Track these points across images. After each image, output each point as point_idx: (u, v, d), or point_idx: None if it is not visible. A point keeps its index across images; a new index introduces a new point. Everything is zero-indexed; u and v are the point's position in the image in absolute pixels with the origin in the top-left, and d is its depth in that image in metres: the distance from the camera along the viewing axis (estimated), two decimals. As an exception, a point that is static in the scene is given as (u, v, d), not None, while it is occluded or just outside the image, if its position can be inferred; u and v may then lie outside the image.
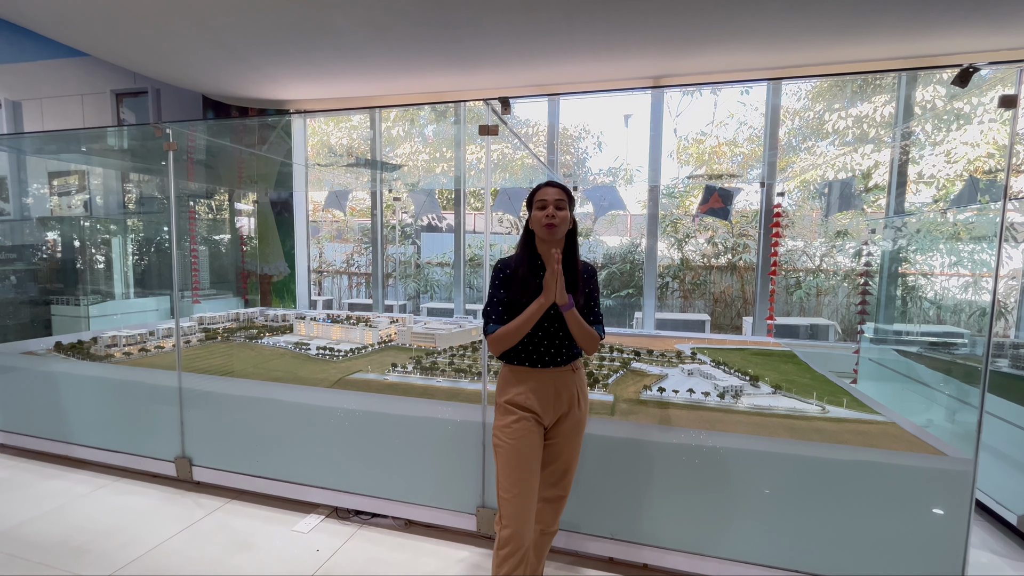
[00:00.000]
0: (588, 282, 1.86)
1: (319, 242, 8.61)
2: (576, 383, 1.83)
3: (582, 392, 1.86)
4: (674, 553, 2.19)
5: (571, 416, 1.81)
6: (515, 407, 1.77)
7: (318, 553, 2.38)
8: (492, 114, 2.44)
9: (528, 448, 1.73)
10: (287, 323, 4.84)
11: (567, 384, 1.81)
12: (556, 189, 1.77)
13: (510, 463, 1.72)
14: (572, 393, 1.81)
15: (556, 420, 1.80)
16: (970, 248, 4.52)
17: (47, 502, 2.82)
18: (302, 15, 3.69)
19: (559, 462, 1.83)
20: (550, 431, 1.81)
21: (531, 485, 1.73)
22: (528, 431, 1.74)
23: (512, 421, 1.75)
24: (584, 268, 1.87)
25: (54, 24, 4.20)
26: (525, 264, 1.80)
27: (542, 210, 1.75)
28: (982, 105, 5.01)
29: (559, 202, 1.75)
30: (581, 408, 1.84)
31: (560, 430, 1.81)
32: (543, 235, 1.76)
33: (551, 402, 1.78)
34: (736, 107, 7.35)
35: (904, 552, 1.95)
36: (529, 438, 1.74)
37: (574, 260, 1.82)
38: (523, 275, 1.78)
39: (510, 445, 1.72)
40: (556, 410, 1.79)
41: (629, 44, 3.94)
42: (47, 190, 6.02)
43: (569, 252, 1.82)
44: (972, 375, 3.11)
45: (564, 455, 1.83)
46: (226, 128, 4.50)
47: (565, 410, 1.80)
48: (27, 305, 5.32)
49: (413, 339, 3.99)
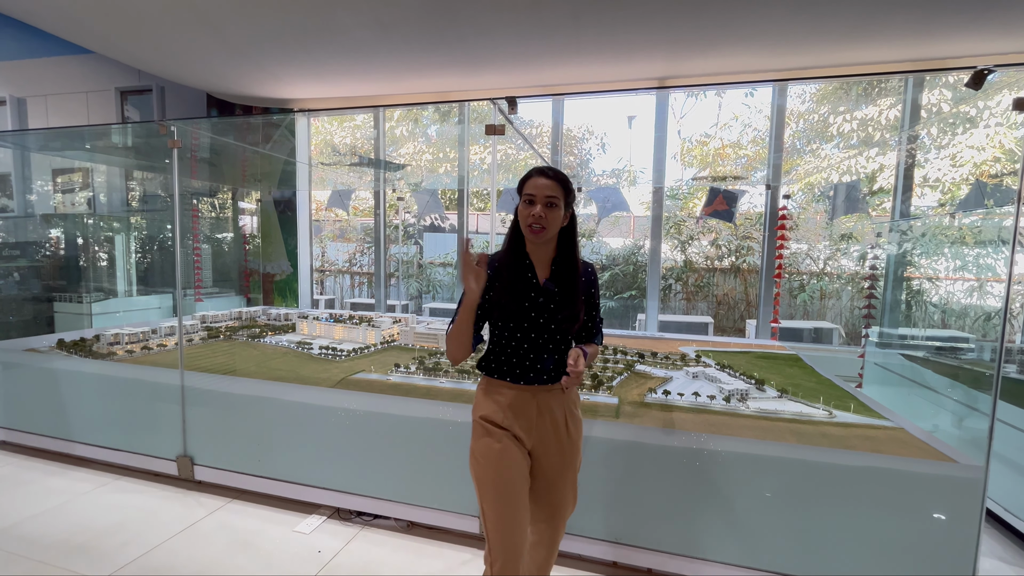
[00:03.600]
0: (589, 286, 1.62)
1: (322, 241, 8.61)
2: (565, 405, 1.57)
3: (571, 416, 1.59)
4: (678, 558, 2.17)
5: (556, 442, 1.55)
6: (492, 424, 1.53)
7: (319, 554, 2.36)
8: (499, 114, 2.42)
9: (512, 470, 1.49)
10: (289, 322, 4.83)
11: (553, 404, 1.55)
12: (548, 181, 1.48)
13: (494, 492, 1.48)
14: (559, 415, 1.55)
15: (540, 445, 1.55)
16: (975, 252, 4.50)
17: (48, 500, 2.81)
18: (307, 14, 3.69)
19: (548, 500, 1.58)
20: (536, 459, 1.57)
21: (520, 513, 1.49)
22: (509, 451, 1.50)
23: (491, 442, 1.50)
24: (584, 270, 1.61)
25: (59, 21, 4.20)
26: (510, 263, 1.55)
27: (529, 206, 1.49)
28: (988, 109, 4.98)
29: (551, 199, 1.47)
30: (570, 434, 1.57)
31: (546, 458, 1.56)
32: (528, 236, 1.51)
33: (532, 423, 1.53)
34: (740, 109, 7.33)
35: (913, 560, 1.92)
36: (511, 459, 1.49)
37: (573, 261, 1.57)
38: (508, 276, 1.53)
39: (492, 472, 1.48)
40: (540, 433, 1.54)
41: (635, 45, 3.93)
42: (51, 187, 6.03)
43: (567, 253, 1.57)
44: (980, 380, 3.09)
45: (554, 493, 1.58)
46: (230, 126, 4.50)
47: (548, 435, 1.54)
48: (30, 302, 5.32)
49: (416, 339, 3.98)
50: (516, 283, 1.53)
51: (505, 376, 1.55)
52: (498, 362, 1.56)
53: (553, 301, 1.54)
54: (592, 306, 1.64)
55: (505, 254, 1.57)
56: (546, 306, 1.54)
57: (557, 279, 1.56)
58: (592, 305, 1.64)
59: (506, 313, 1.53)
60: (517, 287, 1.52)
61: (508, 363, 1.55)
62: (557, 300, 1.54)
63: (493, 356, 1.58)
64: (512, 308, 1.52)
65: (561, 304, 1.54)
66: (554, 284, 1.55)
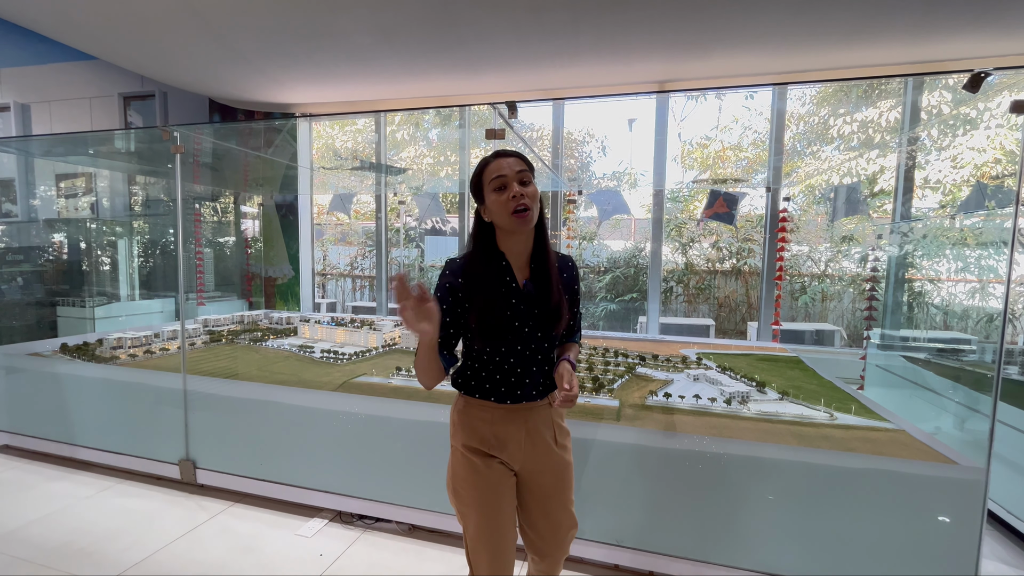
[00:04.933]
0: (571, 281, 1.46)
1: (323, 245, 8.63)
2: (554, 419, 1.45)
3: (559, 429, 1.47)
4: (680, 561, 2.16)
5: (548, 461, 1.42)
6: (475, 454, 1.36)
7: (321, 558, 2.37)
8: (499, 118, 2.43)
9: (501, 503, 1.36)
10: (291, 326, 4.84)
11: (542, 422, 1.41)
12: (512, 159, 1.31)
13: (481, 525, 1.35)
14: (547, 433, 1.42)
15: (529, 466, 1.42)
16: (977, 254, 4.49)
17: (51, 504, 2.82)
18: (308, 18, 3.71)
19: (545, 524, 1.45)
20: (527, 479, 1.43)
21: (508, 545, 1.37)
22: (496, 481, 1.36)
23: (472, 473, 1.35)
24: (562, 264, 1.44)
25: (62, 28, 4.23)
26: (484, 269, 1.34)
27: (502, 191, 1.28)
28: (989, 110, 4.99)
29: (522, 175, 1.29)
30: (560, 449, 1.44)
31: (537, 485, 1.43)
32: (513, 226, 1.29)
33: (521, 444, 1.39)
34: (741, 112, 7.35)
35: (914, 562, 1.92)
36: (499, 490, 1.36)
37: (545, 254, 1.37)
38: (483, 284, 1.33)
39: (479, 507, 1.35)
40: (528, 452, 1.40)
41: (635, 48, 3.95)
42: (54, 192, 6.06)
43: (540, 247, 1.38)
44: (982, 382, 3.09)
45: (551, 517, 1.45)
46: (232, 131, 4.52)
47: (539, 455, 1.41)
48: (33, 306, 5.34)
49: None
50: (494, 291, 1.33)
51: (488, 396, 1.37)
52: (478, 379, 1.38)
53: (537, 305, 1.36)
54: (575, 303, 1.48)
55: (474, 259, 1.35)
56: (530, 312, 1.35)
57: (536, 278, 1.37)
58: (575, 302, 1.48)
59: (486, 327, 1.32)
60: (496, 295, 1.32)
61: (491, 380, 1.37)
62: (540, 304, 1.36)
63: (471, 372, 1.39)
64: (492, 321, 1.32)
65: (544, 308, 1.36)
66: (534, 286, 1.37)
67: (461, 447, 1.39)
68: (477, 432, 1.37)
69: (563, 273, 1.44)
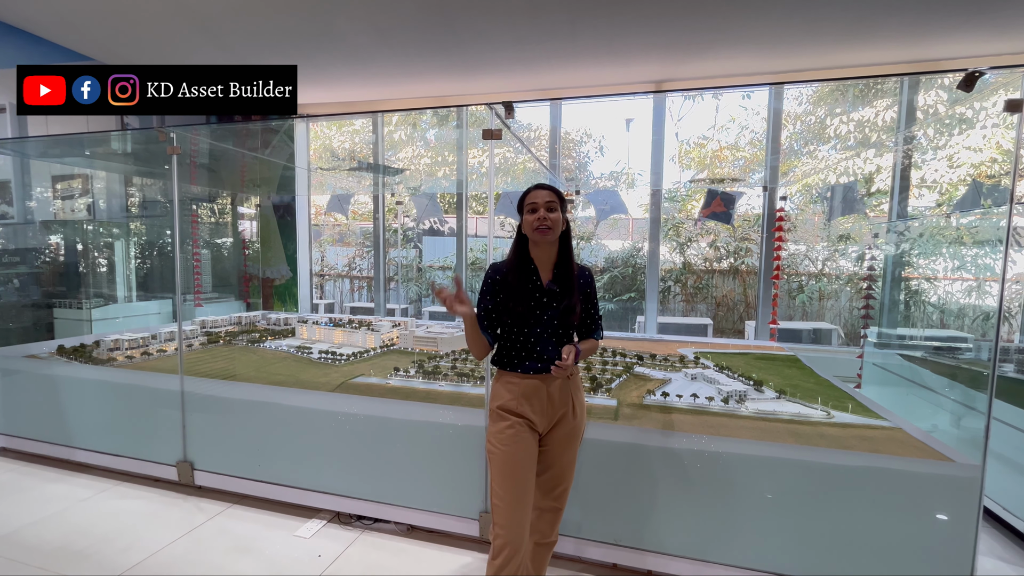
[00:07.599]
0: (586, 287, 1.85)
1: (321, 246, 8.62)
2: (571, 390, 1.80)
3: (578, 400, 1.82)
4: (678, 559, 2.17)
5: (565, 424, 1.77)
6: (508, 413, 1.74)
7: (320, 558, 2.36)
8: (495, 118, 2.44)
9: (522, 454, 1.70)
10: (289, 327, 4.83)
11: (561, 391, 1.77)
12: (546, 191, 1.75)
13: (503, 470, 1.69)
14: (567, 400, 1.78)
15: (550, 427, 1.77)
16: (973, 252, 4.51)
17: (48, 506, 2.81)
18: (305, 20, 3.71)
19: (552, 472, 1.80)
20: (544, 438, 1.78)
21: (525, 492, 1.70)
22: (521, 436, 1.71)
23: (505, 427, 1.71)
24: (581, 273, 1.85)
25: (59, 28, 4.22)
26: (516, 270, 1.78)
27: (533, 213, 1.74)
28: (984, 110, 5.00)
29: (550, 204, 1.73)
30: (576, 416, 1.80)
31: (554, 437, 1.78)
32: (536, 238, 1.75)
33: (544, 408, 1.75)
34: (738, 111, 7.36)
35: (911, 559, 1.93)
36: (522, 443, 1.70)
37: (569, 264, 1.80)
38: (515, 281, 1.76)
39: (503, 451, 1.69)
40: (550, 416, 1.76)
41: (632, 48, 3.95)
42: (51, 194, 6.04)
43: (563, 256, 1.80)
44: (978, 380, 3.10)
45: (558, 465, 1.80)
46: (229, 132, 4.52)
47: (559, 417, 1.77)
48: (30, 308, 5.32)
49: (415, 343, 3.98)
50: (523, 285, 1.76)
51: (516, 368, 1.76)
52: (509, 356, 1.78)
53: (556, 299, 1.77)
54: (591, 304, 1.87)
55: (511, 261, 1.80)
56: (549, 304, 1.77)
57: (558, 280, 1.78)
58: (591, 303, 1.87)
59: (515, 313, 1.75)
60: (524, 289, 1.75)
61: (518, 356, 1.76)
62: (559, 298, 1.76)
63: (504, 351, 1.80)
64: (520, 308, 1.74)
65: (562, 301, 1.76)
66: (556, 284, 1.78)
67: (496, 408, 1.77)
68: (508, 395, 1.75)
69: (580, 279, 1.83)
